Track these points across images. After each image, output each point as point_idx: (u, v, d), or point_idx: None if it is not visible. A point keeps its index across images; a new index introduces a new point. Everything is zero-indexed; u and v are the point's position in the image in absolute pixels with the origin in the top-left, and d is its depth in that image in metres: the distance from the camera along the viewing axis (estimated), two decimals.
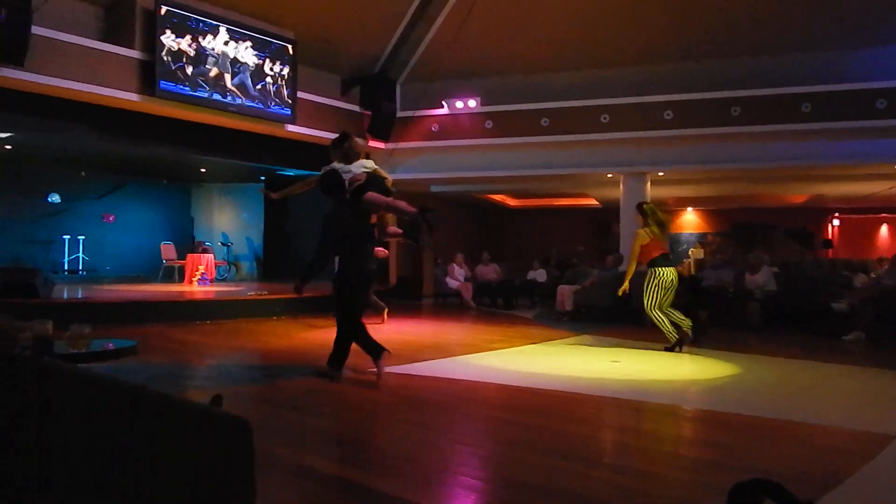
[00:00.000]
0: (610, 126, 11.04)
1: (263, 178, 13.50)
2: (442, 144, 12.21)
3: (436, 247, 14.17)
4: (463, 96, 11.99)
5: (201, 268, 12.47)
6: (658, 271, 6.59)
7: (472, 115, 11.96)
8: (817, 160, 10.41)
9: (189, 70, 9.27)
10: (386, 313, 8.97)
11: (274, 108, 10.39)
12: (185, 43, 9.24)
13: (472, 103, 11.95)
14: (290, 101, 10.58)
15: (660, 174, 11.59)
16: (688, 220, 17.58)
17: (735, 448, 3.43)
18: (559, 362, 6.25)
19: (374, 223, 5.29)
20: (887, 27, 10.23)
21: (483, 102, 11.98)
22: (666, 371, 5.88)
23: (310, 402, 4.46)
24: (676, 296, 6.76)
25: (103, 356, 3.90)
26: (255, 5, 10.17)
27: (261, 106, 10.21)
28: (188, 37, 9.26)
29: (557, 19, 11.18)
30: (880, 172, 11.06)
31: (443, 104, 12.10)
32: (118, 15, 9.30)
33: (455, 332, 8.51)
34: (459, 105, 11.98)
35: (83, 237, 13.46)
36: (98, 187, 13.88)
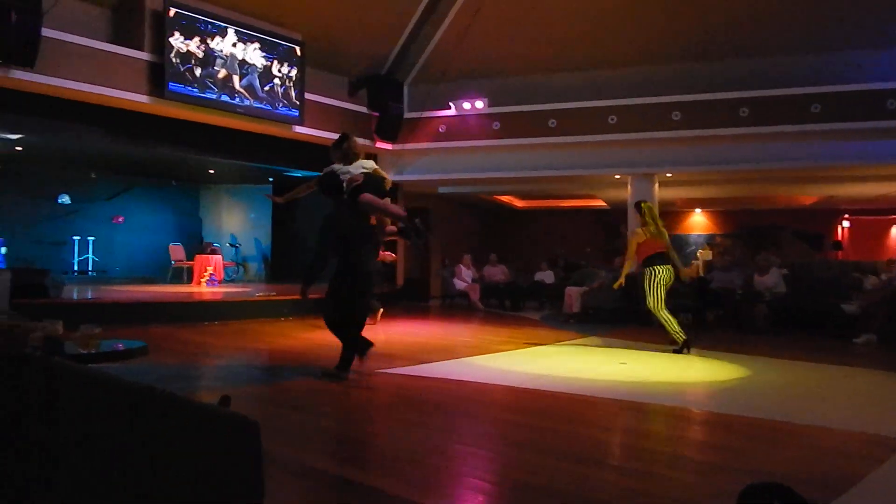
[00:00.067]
0: (618, 127, 11.01)
1: (272, 179, 13.55)
2: (449, 146, 12.21)
3: (430, 249, 14.23)
4: (470, 97, 11.99)
5: (210, 269, 12.52)
6: (656, 269, 6.68)
7: (480, 117, 11.96)
8: (827, 161, 10.35)
9: (197, 72, 9.31)
10: (380, 314, 8.96)
11: (282, 110, 10.43)
12: (194, 45, 9.28)
13: (480, 104, 11.95)
14: (298, 103, 10.61)
15: (668, 175, 11.55)
16: (696, 222, 17.50)
17: (744, 451, 3.41)
18: (567, 364, 6.24)
19: (375, 223, 5.31)
20: None
21: (490, 103, 11.98)
22: (674, 373, 5.85)
23: (317, 403, 4.47)
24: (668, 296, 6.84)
25: (113, 356, 3.91)
26: (264, 7, 10.21)
27: (269, 107, 10.24)
28: (197, 38, 9.31)
29: (565, 20, 11.16)
30: (891, 173, 10.98)
31: (450, 105, 12.11)
32: (127, 17, 9.36)
33: (462, 334, 8.50)
34: (467, 106, 11.99)
35: (93, 238, 13.54)
36: (107, 188, 13.97)
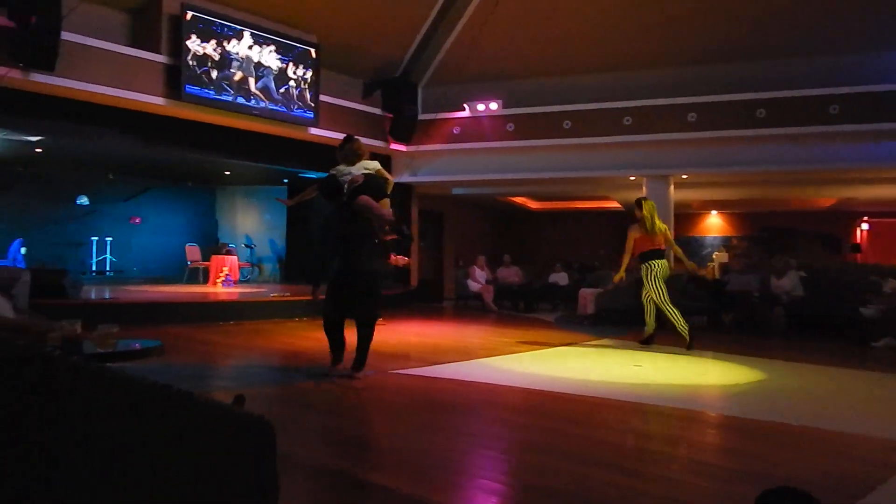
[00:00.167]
0: (633, 128, 10.96)
1: (286, 181, 13.62)
2: (463, 147, 12.22)
3: (442, 250, 14.22)
4: (485, 99, 11.99)
5: (225, 269, 12.61)
6: (652, 264, 6.87)
7: (494, 118, 11.95)
8: (846, 163, 10.23)
9: (214, 74, 9.39)
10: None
11: (297, 112, 10.49)
12: (210, 47, 9.36)
13: (494, 106, 11.95)
14: (313, 105, 10.67)
15: (683, 177, 11.47)
16: (712, 224, 17.37)
17: (761, 455, 3.37)
18: (581, 366, 6.21)
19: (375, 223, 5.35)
20: None
21: (505, 105, 11.98)
22: (689, 376, 5.81)
23: (331, 403, 4.49)
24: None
25: (130, 356, 3.95)
26: (279, 10, 10.28)
27: (284, 109, 10.31)
28: (213, 41, 9.39)
29: (579, 21, 11.13)
30: None
31: (464, 107, 12.12)
32: (145, 20, 9.47)
33: (475, 335, 8.49)
34: (481, 108, 11.98)
35: (110, 239, 13.70)
36: (125, 190, 14.12)
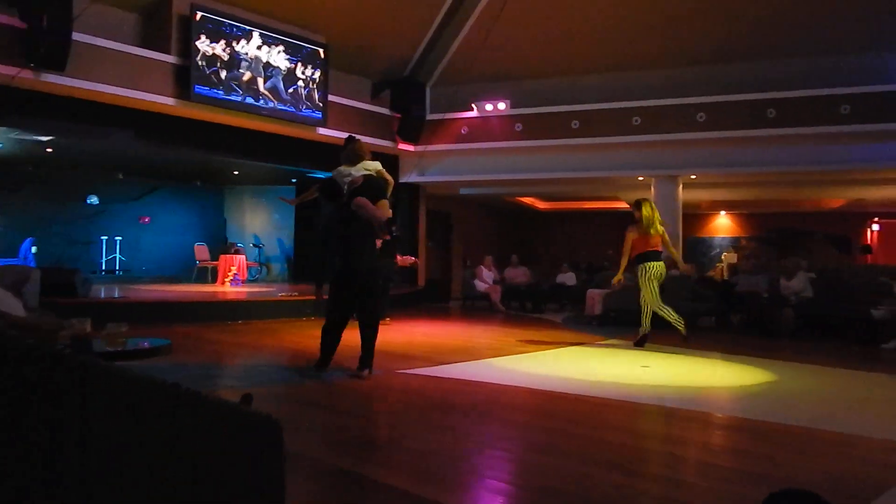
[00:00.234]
0: (641, 128, 10.92)
1: (294, 181, 13.66)
2: (471, 147, 12.21)
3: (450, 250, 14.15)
4: (493, 99, 11.98)
5: (233, 269, 12.66)
6: (647, 266, 6.91)
7: (502, 118, 11.94)
8: (856, 163, 10.15)
9: (223, 74, 9.43)
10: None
11: (305, 112, 10.51)
12: (220, 48, 9.40)
13: (502, 106, 11.94)
14: (322, 105, 10.69)
15: (692, 177, 11.42)
16: (721, 224, 17.28)
17: (770, 458, 3.35)
18: (588, 367, 6.19)
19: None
20: None
21: (513, 105, 11.96)
22: (697, 377, 5.78)
23: (338, 403, 4.50)
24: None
25: (139, 354, 3.98)
26: (288, 10, 10.31)
27: (292, 109, 10.34)
28: (222, 42, 9.43)
29: (588, 21, 11.10)
30: None
31: (472, 107, 12.11)
32: (155, 21, 9.52)
33: (483, 335, 8.48)
34: (489, 108, 11.98)
35: (120, 238, 13.79)
36: (134, 189, 14.21)
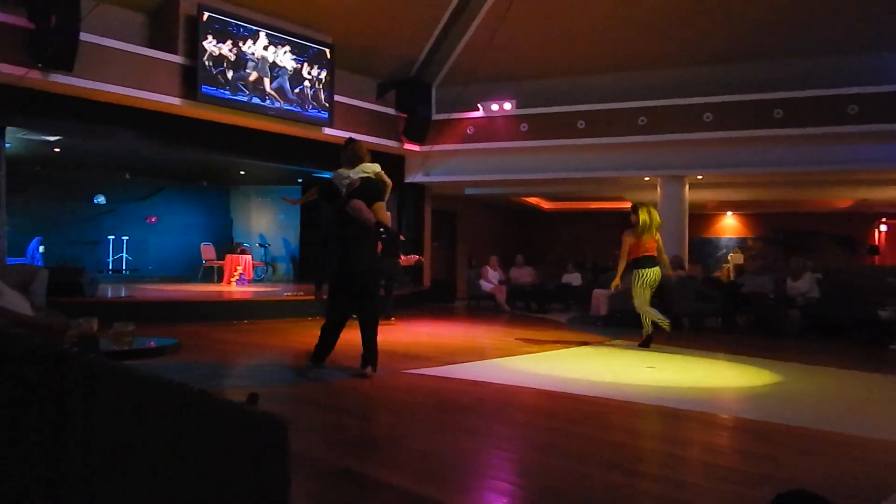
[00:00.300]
0: (648, 129, 10.89)
1: (300, 181, 13.69)
2: (477, 147, 12.21)
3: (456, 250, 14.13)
4: (498, 99, 11.97)
5: (239, 268, 12.69)
6: (641, 272, 7.00)
7: (508, 118, 11.94)
8: (864, 164, 10.10)
9: (229, 74, 9.46)
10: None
11: (311, 112, 10.53)
12: (226, 48, 9.43)
13: (508, 106, 11.93)
14: (328, 105, 10.71)
15: (699, 178, 11.38)
16: (727, 225, 17.23)
17: (776, 459, 3.34)
18: (593, 367, 6.18)
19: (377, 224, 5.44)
20: None
21: (518, 105, 11.95)
22: (703, 378, 5.77)
23: (343, 403, 4.51)
24: (653, 295, 7.20)
25: (145, 353, 3.99)
26: (295, 10, 10.33)
27: (299, 109, 10.36)
28: (229, 42, 9.46)
29: (594, 21, 11.08)
30: None
31: (478, 107, 12.11)
32: (162, 21, 9.55)
33: (488, 335, 8.49)
34: (495, 108, 11.97)
35: (127, 237, 13.85)
36: (141, 189, 14.27)
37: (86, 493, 1.32)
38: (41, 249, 11.70)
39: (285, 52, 10.17)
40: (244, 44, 9.65)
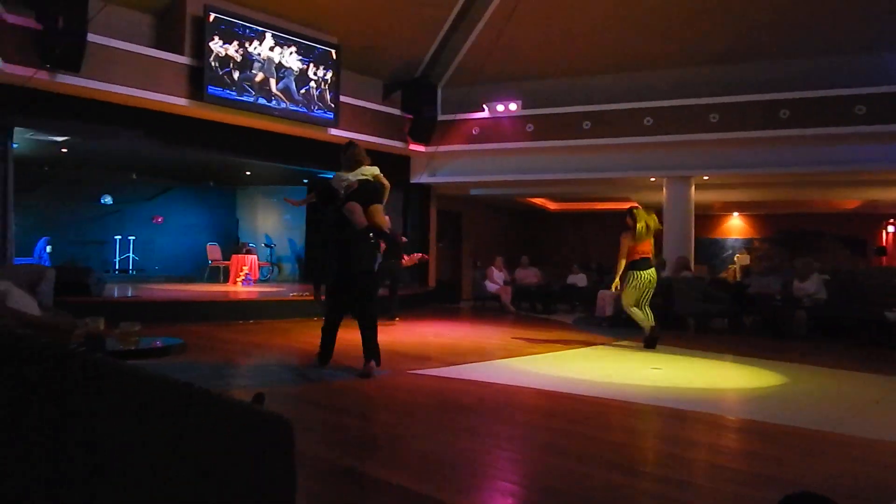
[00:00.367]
0: (653, 129, 10.87)
1: (306, 181, 13.72)
2: (483, 148, 12.20)
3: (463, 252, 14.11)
4: (504, 100, 11.97)
5: (245, 268, 12.73)
6: (636, 274, 7.05)
7: (513, 119, 11.93)
8: (871, 164, 10.05)
9: (235, 75, 9.49)
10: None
11: (317, 112, 10.55)
12: (233, 49, 9.46)
13: (513, 106, 11.92)
14: (333, 106, 10.73)
15: (705, 178, 11.34)
16: (733, 225, 17.16)
17: (782, 460, 3.33)
18: (599, 368, 6.17)
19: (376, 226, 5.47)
20: None
21: (524, 105, 11.94)
22: (709, 379, 5.75)
23: (348, 403, 4.51)
24: (654, 296, 7.32)
25: (151, 353, 4.01)
26: (300, 11, 10.35)
27: (304, 110, 10.38)
28: (235, 43, 9.49)
29: (600, 22, 11.07)
30: None
31: (484, 108, 12.10)
32: (169, 22, 9.59)
33: (493, 336, 8.48)
34: (500, 108, 11.96)
35: (133, 238, 13.90)
36: (148, 190, 14.32)
37: (92, 490, 1.33)
38: (48, 249, 11.76)
39: (291, 53, 10.20)
40: (250, 45, 9.68)
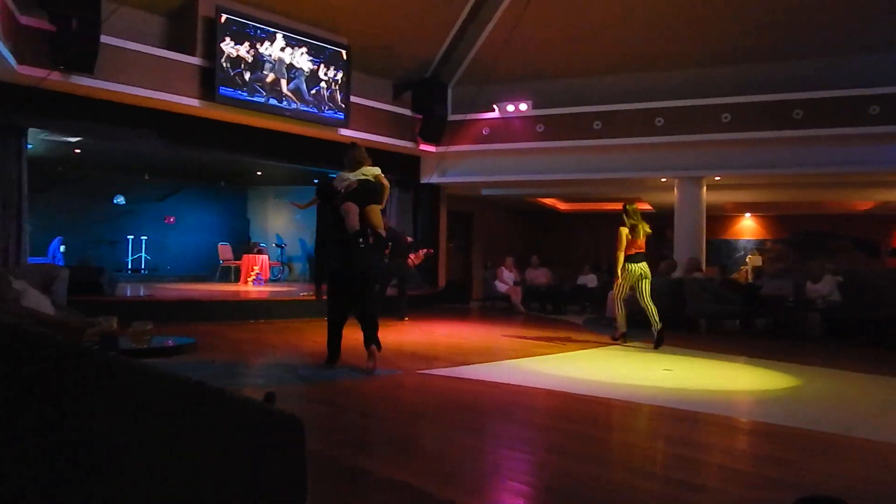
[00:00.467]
0: (664, 129, 10.82)
1: (316, 181, 13.76)
2: (493, 148, 12.19)
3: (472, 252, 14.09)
4: (514, 100, 11.95)
5: (256, 268, 12.79)
6: (628, 266, 7.26)
7: (524, 119, 11.91)
8: (886, 165, 9.96)
9: (247, 76, 9.53)
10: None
11: (328, 113, 10.59)
12: (244, 49, 9.51)
13: (524, 107, 11.90)
14: (344, 106, 10.76)
15: (716, 179, 11.28)
16: (745, 226, 17.05)
17: (795, 463, 3.30)
18: (609, 369, 6.15)
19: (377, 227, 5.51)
20: None
21: (535, 106, 11.92)
22: (721, 381, 5.72)
23: (359, 402, 4.52)
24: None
25: (163, 352, 4.04)
26: (311, 12, 10.39)
27: (315, 110, 10.41)
28: (246, 44, 9.53)
29: (610, 21, 11.03)
30: None
31: (494, 108, 12.09)
32: (181, 23, 9.65)
33: (503, 336, 8.47)
34: (511, 108, 11.95)
35: (145, 237, 14.01)
36: (160, 190, 14.42)
37: (104, 490, 1.34)
38: (62, 249, 11.87)
39: (302, 54, 10.23)
40: (261, 45, 9.72)
